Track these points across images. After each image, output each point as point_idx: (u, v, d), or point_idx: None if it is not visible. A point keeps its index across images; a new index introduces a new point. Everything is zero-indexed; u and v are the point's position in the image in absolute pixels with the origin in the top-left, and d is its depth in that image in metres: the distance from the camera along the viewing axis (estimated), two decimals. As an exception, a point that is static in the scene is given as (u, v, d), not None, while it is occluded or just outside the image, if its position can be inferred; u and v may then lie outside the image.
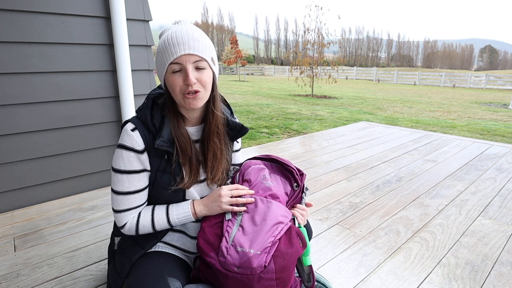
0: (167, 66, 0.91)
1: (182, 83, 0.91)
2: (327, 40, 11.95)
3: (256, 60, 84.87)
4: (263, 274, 0.90)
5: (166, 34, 0.93)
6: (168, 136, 0.97)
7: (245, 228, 0.96)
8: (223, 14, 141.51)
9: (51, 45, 2.01)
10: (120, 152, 0.96)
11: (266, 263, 0.90)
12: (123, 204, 0.98)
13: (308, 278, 1.06)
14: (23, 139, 2.01)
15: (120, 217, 0.99)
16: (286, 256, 0.93)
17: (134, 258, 1.02)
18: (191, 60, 0.90)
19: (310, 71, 11.93)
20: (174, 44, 0.89)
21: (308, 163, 2.97)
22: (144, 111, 0.99)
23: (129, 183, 0.97)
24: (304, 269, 1.06)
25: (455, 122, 6.57)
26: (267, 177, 1.10)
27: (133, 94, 2.31)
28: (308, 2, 21.23)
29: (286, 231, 0.97)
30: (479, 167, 2.89)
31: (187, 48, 0.89)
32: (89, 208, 2.04)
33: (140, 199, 1.00)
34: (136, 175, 0.97)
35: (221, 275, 0.94)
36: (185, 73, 0.90)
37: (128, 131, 0.95)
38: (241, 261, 0.91)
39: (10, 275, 1.39)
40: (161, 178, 1.00)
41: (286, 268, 0.93)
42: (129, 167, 0.96)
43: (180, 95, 0.93)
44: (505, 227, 1.84)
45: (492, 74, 22.82)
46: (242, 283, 0.91)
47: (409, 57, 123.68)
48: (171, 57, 0.89)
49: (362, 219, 1.91)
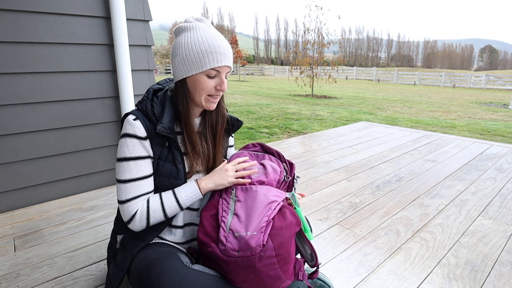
0: (207, 69, 0.97)
1: (213, 87, 1.00)
2: (327, 40, 11.96)
3: (256, 60, 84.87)
4: (262, 252, 0.92)
5: (200, 34, 0.97)
6: (169, 124, 1.01)
7: (240, 214, 0.99)
8: (223, 14, 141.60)
9: (51, 45, 2.01)
10: (124, 140, 0.99)
11: (264, 241, 0.92)
12: (132, 191, 0.99)
13: (311, 257, 1.09)
14: (23, 139, 2.01)
15: (129, 206, 0.99)
16: (282, 232, 0.95)
17: (135, 251, 1.03)
18: (226, 70, 1.01)
19: (310, 71, 11.92)
20: (221, 53, 0.97)
21: (308, 163, 2.97)
22: (145, 102, 1.04)
23: (136, 170, 0.99)
24: (306, 249, 1.08)
25: (455, 122, 6.57)
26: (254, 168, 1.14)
27: (133, 94, 2.31)
28: (308, 2, 21.22)
29: (279, 209, 1.01)
30: (479, 167, 2.89)
31: (229, 61, 1.00)
32: (89, 208, 2.04)
33: (148, 185, 1.02)
34: (142, 161, 1.00)
35: (223, 263, 0.95)
36: (221, 80, 1.00)
37: (130, 120, 0.99)
38: (240, 244, 0.93)
39: (10, 275, 1.39)
40: (163, 166, 1.03)
41: (284, 244, 0.95)
42: (134, 153, 0.99)
43: (205, 96, 1.01)
44: (505, 227, 1.84)
45: (492, 74, 22.81)
46: (244, 265, 0.93)
47: (409, 57, 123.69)
48: (215, 63, 0.97)
49: (362, 219, 1.91)
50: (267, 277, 0.93)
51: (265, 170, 1.11)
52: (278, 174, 1.12)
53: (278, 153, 1.19)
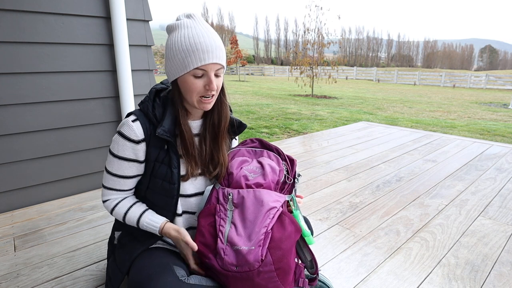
0: (191, 69, 0.92)
1: (202, 87, 0.95)
2: (327, 40, 11.95)
3: (256, 60, 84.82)
4: (261, 268, 0.90)
5: (185, 32, 0.92)
6: (169, 127, 1.00)
7: (237, 224, 0.95)
8: (223, 14, 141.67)
9: (51, 45, 2.01)
10: (117, 138, 1.00)
11: (262, 256, 0.90)
12: (110, 183, 1.05)
13: (311, 264, 1.05)
14: (23, 139, 2.01)
15: (104, 192, 1.07)
16: (281, 244, 0.92)
17: (134, 254, 1.02)
18: (215, 68, 0.94)
19: (310, 71, 11.92)
20: (203, 51, 0.90)
21: (308, 163, 2.97)
22: (146, 103, 1.03)
23: (118, 168, 1.02)
24: (306, 255, 1.05)
25: (455, 122, 6.57)
26: (250, 169, 1.06)
27: (133, 94, 2.31)
28: (308, 2, 21.23)
29: (279, 216, 0.96)
30: (479, 167, 2.89)
31: (215, 57, 0.92)
32: (89, 208, 2.04)
33: (124, 185, 1.06)
34: (126, 162, 1.01)
35: (222, 276, 0.94)
36: (208, 79, 0.94)
37: (129, 122, 0.99)
38: (237, 259, 0.91)
39: (10, 275, 1.39)
40: (158, 168, 1.02)
41: (283, 257, 0.92)
42: (121, 153, 1.00)
43: (196, 97, 0.96)
44: (505, 227, 1.84)
45: (492, 74, 22.81)
46: (243, 280, 0.91)
47: (409, 57, 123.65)
48: (198, 63, 0.91)
49: (362, 219, 1.91)
50: None
51: (263, 170, 1.04)
52: (277, 175, 1.05)
53: (278, 150, 1.13)
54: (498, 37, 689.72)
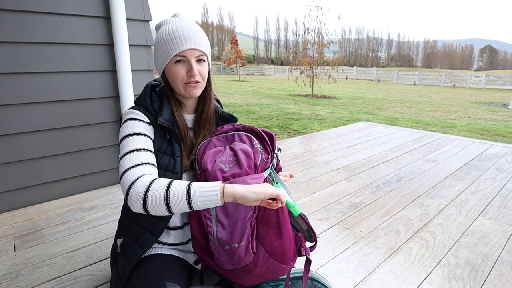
0: (172, 57, 0.97)
1: (185, 74, 0.99)
2: (327, 40, 11.95)
3: (256, 60, 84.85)
4: (256, 259, 0.92)
5: (167, 26, 0.99)
6: (169, 116, 1.03)
7: (223, 221, 0.94)
8: (223, 14, 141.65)
9: (51, 45, 2.01)
10: (125, 123, 1.00)
11: (253, 249, 0.92)
12: (135, 160, 0.91)
13: (308, 233, 1.06)
14: (23, 139, 2.01)
15: (127, 174, 0.88)
16: (269, 231, 0.93)
17: (134, 259, 1.02)
18: (194, 54, 0.98)
19: (310, 71, 11.92)
20: (180, 38, 0.96)
21: (308, 163, 2.98)
22: (144, 97, 1.05)
23: (135, 143, 0.95)
24: (302, 225, 1.05)
25: (455, 122, 6.57)
26: (224, 160, 0.98)
27: (133, 94, 2.31)
28: (308, 2, 21.23)
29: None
30: (479, 167, 2.89)
31: (193, 43, 0.97)
32: (89, 208, 2.04)
33: (150, 158, 0.95)
34: (141, 136, 0.98)
35: (225, 273, 0.97)
36: (189, 65, 0.98)
37: (132, 110, 1.02)
38: (232, 258, 0.93)
39: (10, 275, 1.39)
40: (161, 159, 1.03)
41: (275, 242, 0.94)
42: (134, 130, 0.98)
43: (181, 84, 1.00)
44: (505, 227, 1.84)
45: (492, 74, 22.81)
46: (245, 273, 0.94)
47: (409, 57, 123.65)
48: (177, 49, 0.96)
49: (362, 219, 1.91)
50: (269, 273, 0.95)
51: (236, 158, 0.96)
52: (252, 158, 0.96)
53: (253, 129, 1.03)
54: (498, 37, 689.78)
